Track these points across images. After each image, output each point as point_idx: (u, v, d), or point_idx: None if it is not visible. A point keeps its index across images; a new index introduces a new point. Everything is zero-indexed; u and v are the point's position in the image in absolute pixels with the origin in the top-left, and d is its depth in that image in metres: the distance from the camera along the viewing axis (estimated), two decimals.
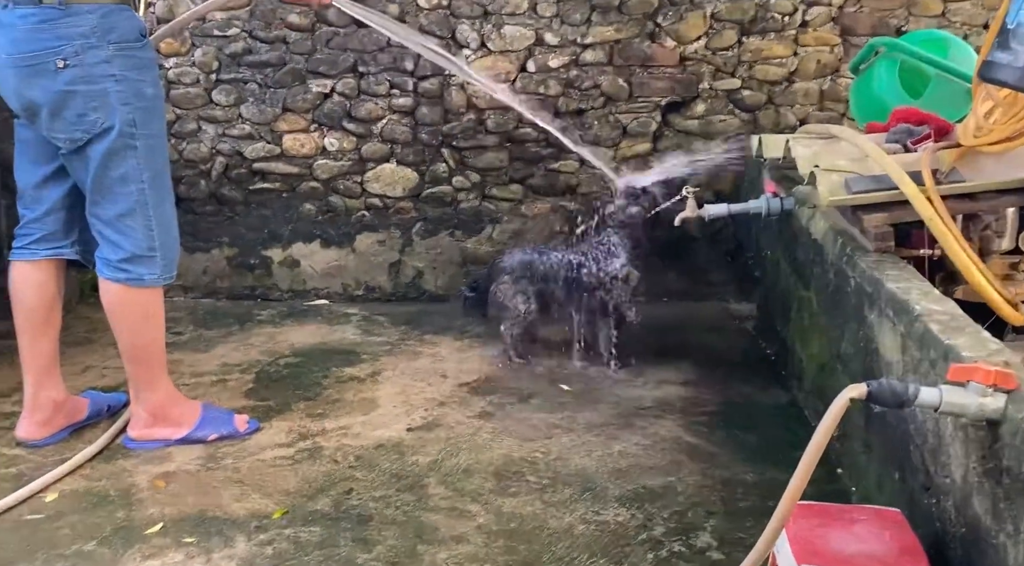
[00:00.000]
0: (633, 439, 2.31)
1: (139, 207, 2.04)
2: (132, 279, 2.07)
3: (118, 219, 2.04)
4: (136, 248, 2.06)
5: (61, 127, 1.97)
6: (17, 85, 1.95)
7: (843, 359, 2.08)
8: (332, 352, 2.91)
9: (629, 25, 3.24)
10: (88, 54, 1.91)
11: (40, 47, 1.90)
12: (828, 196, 2.05)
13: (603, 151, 3.35)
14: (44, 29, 1.89)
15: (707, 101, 3.31)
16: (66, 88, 1.92)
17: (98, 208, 2.05)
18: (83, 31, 1.90)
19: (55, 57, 1.90)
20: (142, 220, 2.06)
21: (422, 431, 2.36)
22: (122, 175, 2.01)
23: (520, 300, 2.74)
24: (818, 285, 2.30)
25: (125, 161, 2.00)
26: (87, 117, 1.95)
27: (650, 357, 2.82)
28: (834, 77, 3.31)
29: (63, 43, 1.90)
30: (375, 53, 3.26)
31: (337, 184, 3.40)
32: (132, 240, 2.05)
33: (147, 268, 2.08)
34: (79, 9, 1.89)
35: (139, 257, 2.07)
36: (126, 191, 2.02)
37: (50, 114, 1.96)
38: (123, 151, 1.99)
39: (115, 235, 2.05)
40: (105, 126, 1.96)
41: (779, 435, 2.30)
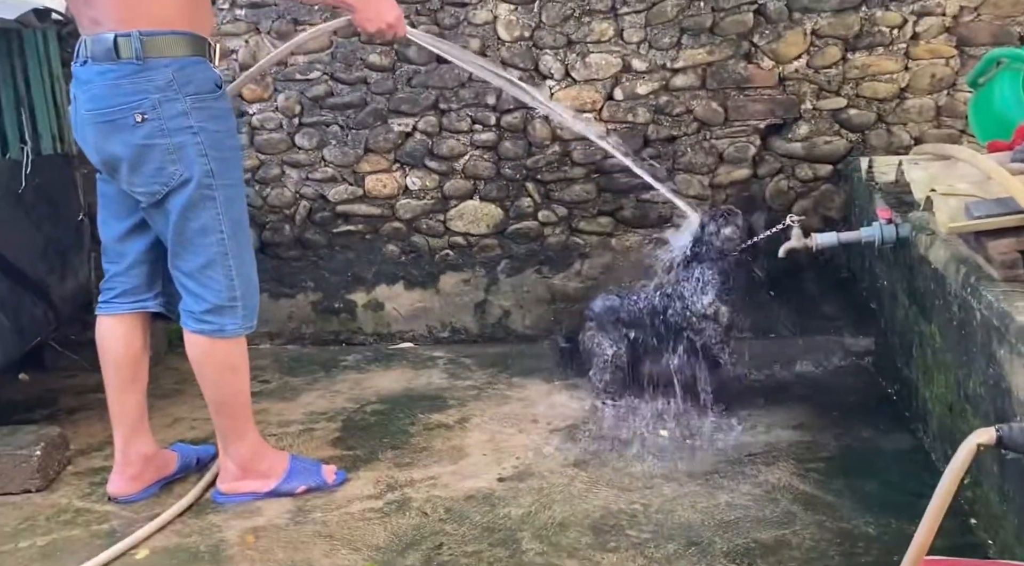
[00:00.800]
0: (741, 489, 2.29)
1: (219, 258, 2.13)
2: (215, 330, 2.16)
3: (200, 271, 2.14)
4: (218, 299, 2.15)
5: (140, 181, 2.08)
6: (97, 140, 2.07)
7: (972, 400, 2.02)
8: (419, 397, 2.99)
9: (722, 46, 3.27)
10: (165, 107, 2.02)
11: (118, 102, 2.01)
12: (947, 223, 2.01)
13: (697, 179, 3.36)
14: (122, 84, 2.00)
15: (810, 122, 3.29)
16: (144, 142, 2.03)
17: (179, 260, 2.15)
18: (160, 85, 2.01)
19: (133, 111, 2.01)
20: (223, 271, 2.14)
21: (513, 481, 2.40)
22: (202, 226, 2.10)
23: (607, 345, 2.77)
24: (940, 319, 2.24)
25: (204, 212, 2.09)
26: (165, 170, 2.05)
27: (758, 399, 2.80)
28: (951, 91, 3.24)
29: (141, 97, 2.01)
30: (456, 89, 3.38)
31: (420, 223, 3.51)
32: (214, 291, 2.14)
33: (229, 318, 2.17)
34: (156, 63, 2.00)
35: (221, 308, 2.16)
36: (206, 242, 2.11)
37: (130, 168, 2.06)
38: (202, 202, 2.09)
39: (197, 287, 2.15)
40: (183, 178, 2.06)
41: (904, 483, 2.24)
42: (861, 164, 3.05)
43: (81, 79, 2.06)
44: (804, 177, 3.33)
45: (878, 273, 2.92)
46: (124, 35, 1.99)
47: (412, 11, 3.33)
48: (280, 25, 3.39)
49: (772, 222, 2.80)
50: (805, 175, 3.33)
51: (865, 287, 3.14)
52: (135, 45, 1.99)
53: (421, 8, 3.34)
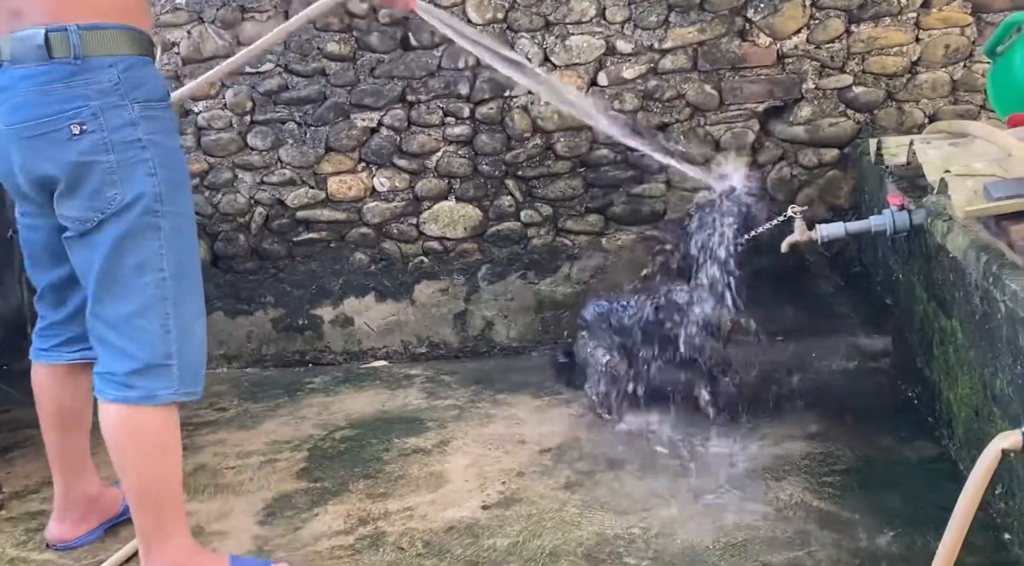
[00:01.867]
0: (749, 507, 2.26)
1: (156, 302, 1.87)
2: (143, 397, 1.88)
3: (127, 319, 1.87)
4: (149, 355, 1.87)
5: (73, 206, 1.85)
6: (23, 160, 1.83)
7: (999, 401, 1.99)
8: (394, 421, 2.95)
9: (714, 23, 3.25)
10: (108, 116, 1.81)
11: (50, 111, 1.79)
12: (964, 206, 2.00)
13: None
14: (55, 90, 1.78)
15: (813, 102, 3.28)
16: (82, 159, 1.80)
17: (102, 306, 1.88)
18: (102, 89, 1.80)
19: (69, 122, 1.79)
20: (158, 319, 1.88)
21: (499, 508, 2.36)
22: (139, 263, 1.86)
23: (600, 354, 2.75)
24: (962, 313, 2.22)
25: (145, 245, 1.86)
26: (103, 193, 1.83)
27: (766, 407, 2.77)
28: (968, 63, 3.23)
29: (79, 105, 1.79)
30: (425, 79, 3.36)
31: (390, 228, 3.48)
32: (143, 345, 1.87)
33: (162, 381, 1.89)
34: (98, 63, 1.80)
35: (152, 367, 1.88)
36: (141, 282, 1.86)
37: (65, 191, 1.84)
38: (144, 233, 1.86)
39: (122, 340, 1.88)
40: (124, 203, 1.83)
41: (928, 495, 2.21)
42: (870, 146, 3.04)
43: (0, 87, 1.82)
44: (808, 163, 3.31)
45: (892, 265, 2.90)
46: (57, 30, 1.78)
47: None
48: (225, 13, 3.36)
49: (775, 214, 2.78)
50: (809, 161, 3.31)
51: (879, 281, 3.12)
52: (73, 41, 1.78)
53: None
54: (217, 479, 2.62)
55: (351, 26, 3.33)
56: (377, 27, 3.33)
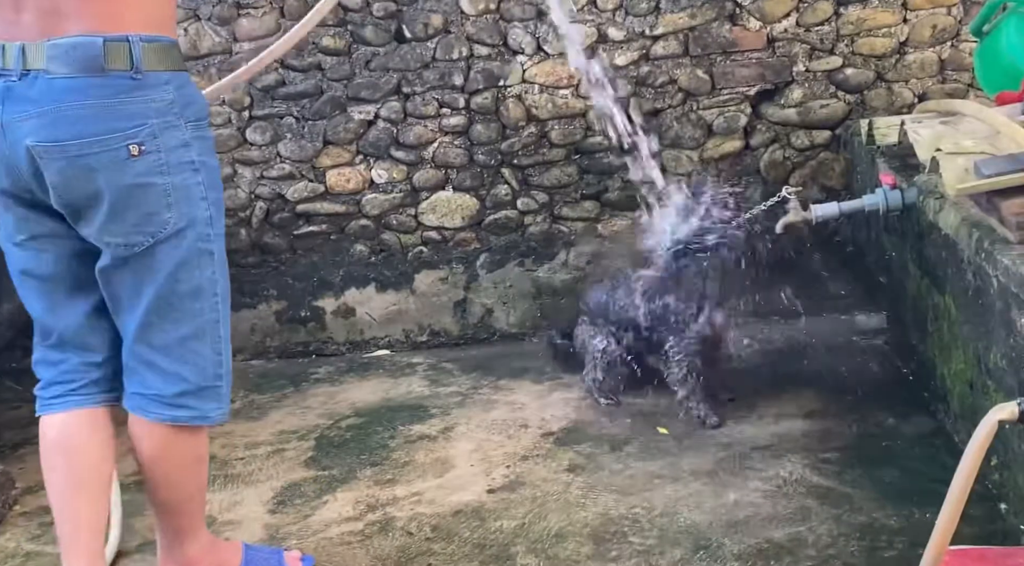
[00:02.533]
0: (750, 485, 2.28)
1: (210, 326, 1.82)
2: (195, 417, 1.83)
3: (181, 343, 1.80)
4: (202, 378, 1.82)
5: (119, 229, 1.72)
6: (63, 179, 1.67)
7: (993, 374, 2.01)
8: (398, 408, 2.97)
9: (704, 9, 3.25)
10: (166, 136, 1.70)
11: (106, 128, 1.65)
12: (955, 184, 2.01)
13: (686, 154, 3.35)
14: (111, 106, 1.66)
15: (804, 85, 3.28)
16: (138, 181, 1.69)
17: (154, 331, 1.79)
18: (160, 106, 1.69)
19: (128, 141, 1.66)
20: (211, 342, 1.83)
21: (505, 492, 2.38)
22: (195, 288, 1.79)
23: (599, 338, 2.77)
24: (955, 289, 2.23)
25: (200, 270, 1.79)
26: (157, 216, 1.73)
27: (764, 387, 2.79)
28: (955, 42, 3.24)
29: (137, 123, 1.67)
30: (420, 71, 3.36)
31: (389, 219, 3.49)
32: (197, 368, 1.82)
33: (213, 402, 1.85)
34: (155, 79, 1.68)
35: (204, 389, 1.83)
36: (197, 307, 1.80)
37: (109, 214, 1.70)
38: (199, 258, 1.78)
39: (174, 364, 1.80)
40: (177, 227, 1.74)
41: (926, 469, 2.24)
42: (861, 127, 3.05)
43: (28, 98, 1.64)
44: (800, 145, 3.32)
45: (885, 244, 2.91)
46: (117, 39, 1.64)
47: None
48: (221, 10, 3.35)
49: (768, 196, 2.79)
50: (801, 143, 3.32)
51: (873, 260, 3.13)
52: (135, 53, 1.65)
53: None
54: (227, 470, 2.63)
55: (345, 20, 3.33)
56: (371, 21, 3.33)
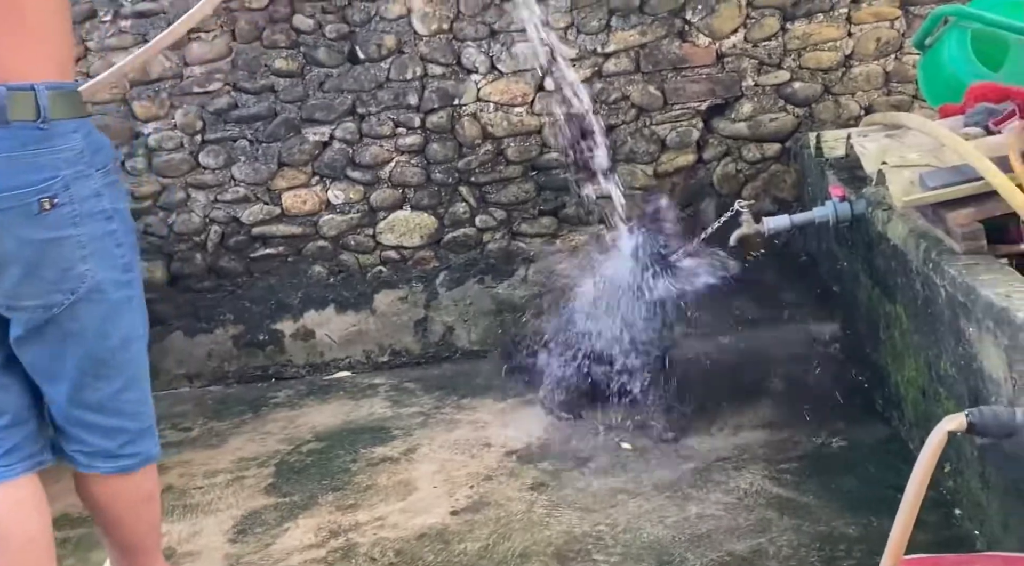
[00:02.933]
0: (712, 497, 2.29)
1: (140, 371, 1.77)
2: (141, 462, 1.80)
3: (116, 396, 1.73)
4: (140, 422, 1.78)
5: (35, 290, 1.61)
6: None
7: (944, 382, 2.04)
8: (360, 431, 2.94)
9: (654, 26, 3.28)
10: (77, 187, 1.60)
11: (13, 183, 1.55)
12: (902, 196, 2.04)
13: (640, 169, 3.37)
14: (20, 159, 1.55)
15: (754, 99, 3.32)
16: (52, 235, 1.58)
17: (87, 393, 1.70)
18: (70, 157, 1.59)
19: (38, 196, 1.56)
20: (143, 385, 1.78)
21: (468, 513, 2.36)
22: (123, 339, 1.71)
23: (554, 357, 2.77)
24: (905, 298, 2.27)
25: (125, 319, 1.70)
26: (73, 270, 1.62)
27: (723, 398, 2.80)
28: (899, 55, 3.30)
29: (47, 175, 1.56)
30: (374, 91, 3.34)
31: (347, 240, 3.46)
32: (133, 416, 1.76)
33: (151, 441, 1.81)
34: (63, 128, 1.58)
35: (143, 432, 1.79)
36: (126, 357, 1.72)
37: (23, 274, 1.59)
38: (121, 308, 1.69)
39: (112, 418, 1.74)
40: (96, 279, 1.64)
41: (882, 477, 2.26)
42: (810, 140, 3.09)
43: None
44: (752, 158, 3.36)
45: (837, 255, 2.95)
46: (20, 88, 1.53)
47: (319, 9, 3.29)
48: None
49: (723, 209, 2.81)
50: (753, 156, 3.36)
51: (826, 270, 3.17)
52: (42, 102, 1.54)
53: (328, 5, 3.29)
54: (185, 499, 2.59)
55: (298, 42, 3.31)
56: (324, 42, 3.32)
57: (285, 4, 3.27)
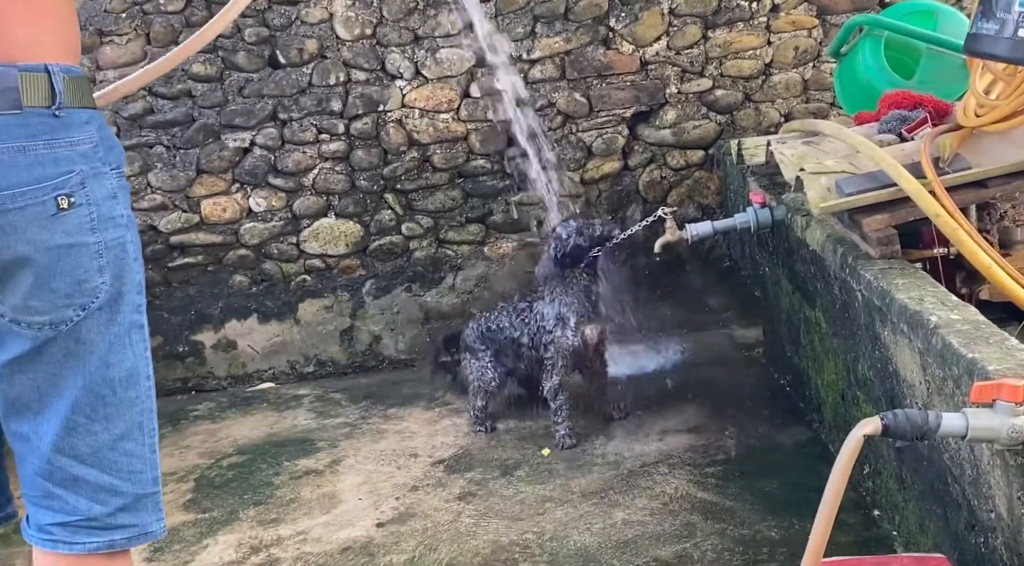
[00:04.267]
0: (638, 503, 2.29)
1: (146, 418, 1.47)
2: (135, 537, 1.45)
3: (113, 446, 1.42)
4: (140, 486, 1.44)
5: (44, 305, 1.37)
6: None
7: (863, 385, 2.07)
8: (283, 443, 2.88)
9: (578, 33, 3.29)
10: (94, 185, 1.38)
11: (28, 178, 1.33)
12: (818, 202, 2.07)
13: (568, 176, 3.38)
14: (31, 150, 1.34)
15: (677, 106, 3.35)
16: (68, 240, 1.36)
17: (79, 437, 1.41)
18: (86, 151, 1.38)
19: (56, 192, 1.35)
20: (146, 438, 1.46)
21: (394, 524, 2.33)
22: (129, 373, 1.43)
23: (478, 368, 2.75)
24: (824, 302, 2.30)
25: (132, 348, 1.44)
26: (88, 283, 1.38)
27: (649, 404, 2.81)
28: (817, 63, 3.37)
29: (64, 169, 1.35)
30: (296, 96, 3.29)
31: (270, 248, 3.39)
32: (134, 475, 1.44)
33: (152, 513, 1.47)
34: (77, 118, 1.37)
35: (142, 499, 1.45)
36: (131, 397, 1.43)
37: (36, 284, 1.36)
38: (131, 334, 1.44)
39: (106, 475, 1.42)
40: (109, 295, 1.39)
41: (803, 479, 2.28)
42: (731, 147, 3.13)
43: None
44: (676, 165, 3.39)
45: (759, 260, 2.99)
46: (34, 69, 1.32)
47: None
48: (83, 38, 3.19)
49: (648, 216, 2.82)
50: (677, 163, 3.39)
51: (748, 276, 3.21)
52: (57, 86, 1.34)
53: (247, 8, 3.21)
54: None
55: (216, 46, 3.24)
56: (243, 46, 3.25)
57: (202, 7, 3.19)
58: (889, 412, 1.33)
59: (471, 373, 2.79)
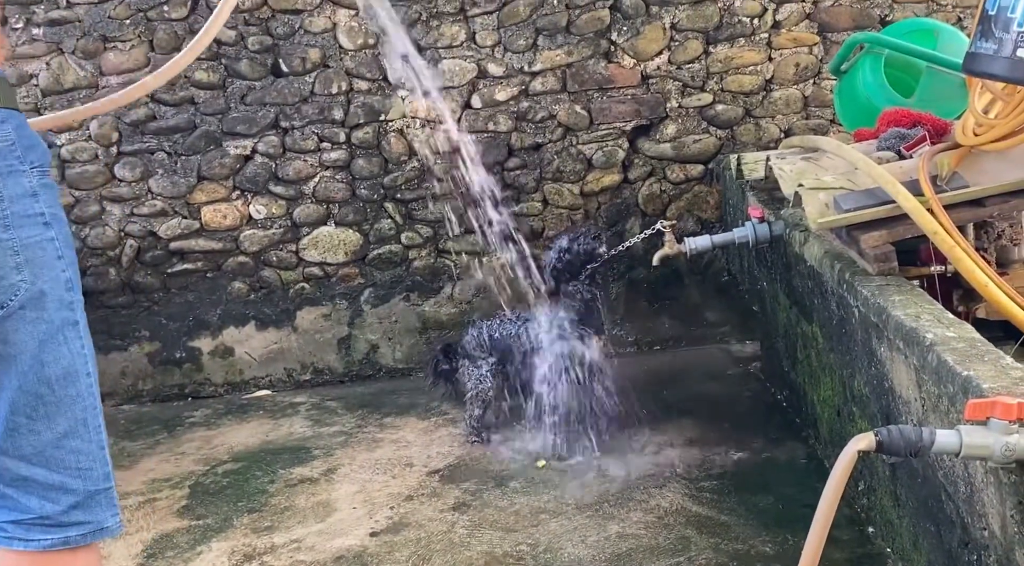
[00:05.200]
0: (632, 516, 2.29)
1: (90, 414, 1.48)
2: (91, 533, 1.47)
3: (57, 445, 1.44)
4: (91, 482, 1.47)
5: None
6: None
7: (859, 401, 2.08)
8: (278, 451, 2.87)
9: (580, 46, 3.30)
10: (9, 183, 1.39)
11: None
12: (816, 218, 2.07)
13: (567, 188, 3.38)
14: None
15: (677, 121, 3.36)
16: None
17: (22, 437, 1.43)
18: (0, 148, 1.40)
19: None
20: (93, 435, 1.48)
21: (388, 534, 2.32)
22: (66, 370, 1.44)
23: (476, 377, 2.75)
24: (821, 318, 2.31)
25: (68, 346, 1.45)
26: (4, 281, 1.39)
27: (646, 417, 2.81)
28: (817, 80, 3.38)
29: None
30: (298, 105, 3.30)
31: (269, 256, 3.40)
32: (83, 471, 1.46)
33: (107, 508, 1.48)
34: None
35: (96, 495, 1.47)
36: (70, 394, 1.45)
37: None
38: (63, 331, 1.44)
39: (54, 473, 1.44)
40: (32, 294, 1.40)
41: (798, 495, 2.28)
42: (731, 162, 3.14)
43: None
44: (676, 179, 3.39)
45: (757, 275, 2.99)
46: None
47: (241, 20, 3.23)
48: (86, 43, 3.22)
49: (647, 228, 2.83)
50: (677, 177, 3.39)
51: (746, 290, 3.22)
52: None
53: (251, 17, 3.24)
54: None
55: (219, 54, 3.25)
56: (246, 54, 3.26)
57: (205, 15, 3.21)
58: (883, 428, 1.34)
59: (469, 380, 2.79)
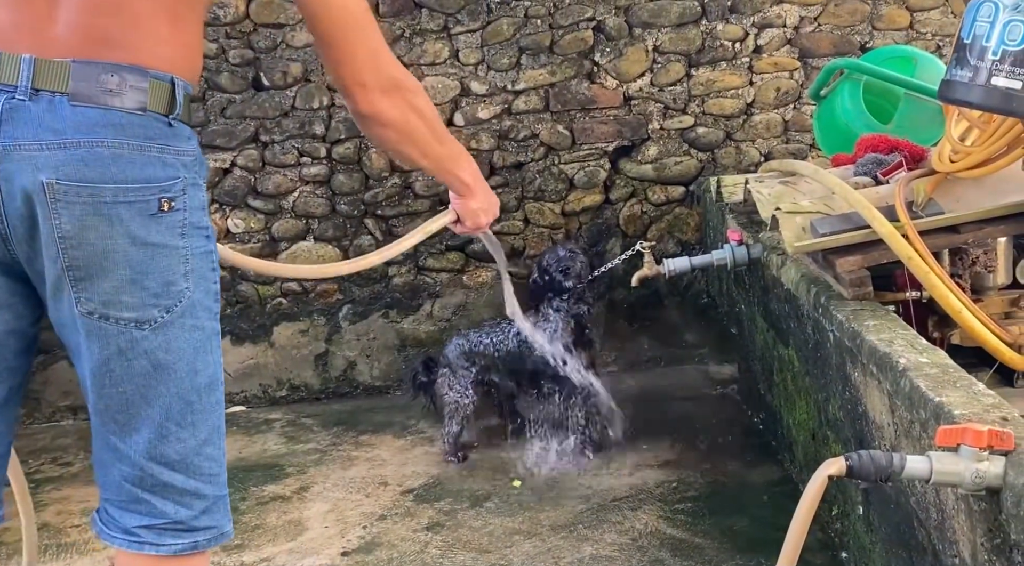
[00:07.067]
0: (607, 538, 2.28)
1: (222, 422, 1.54)
2: (215, 538, 1.50)
3: (198, 451, 1.47)
4: (217, 488, 1.50)
5: (134, 300, 1.40)
6: (83, 233, 1.38)
7: (833, 425, 2.08)
8: (251, 468, 2.85)
9: (563, 66, 3.32)
10: (192, 194, 1.45)
11: (144, 176, 1.39)
12: (793, 241, 2.09)
13: (548, 207, 3.39)
14: (147, 150, 1.41)
15: (659, 142, 3.38)
16: (161, 240, 1.41)
17: (170, 444, 1.45)
18: (188, 161, 1.44)
19: (161, 194, 1.40)
20: (223, 442, 1.53)
21: (359, 554, 2.30)
22: (211, 379, 1.48)
23: (455, 393, 2.75)
24: (797, 341, 2.32)
25: (213, 354, 1.49)
26: (174, 286, 1.42)
27: (622, 436, 2.81)
28: (797, 105, 3.41)
29: (172, 174, 1.41)
30: (278, 119, 3.29)
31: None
32: (213, 478, 1.49)
33: (227, 514, 1.53)
34: (185, 130, 1.45)
35: (219, 500, 1.51)
36: (212, 403, 1.49)
37: (130, 278, 1.40)
38: (213, 340, 1.49)
39: (191, 479, 1.47)
40: (191, 302, 1.43)
41: (773, 518, 2.28)
42: (711, 184, 3.16)
43: (43, 124, 1.35)
44: (656, 200, 3.41)
45: (735, 297, 3.01)
46: (161, 78, 1.40)
47: (222, 33, 3.23)
48: None
49: (628, 249, 2.84)
50: (657, 198, 3.41)
51: (725, 312, 3.23)
52: (178, 97, 1.42)
53: (232, 30, 3.24)
54: (61, 538, 2.46)
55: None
56: (227, 67, 3.25)
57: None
58: (854, 453, 1.34)
59: (448, 392, 2.77)
